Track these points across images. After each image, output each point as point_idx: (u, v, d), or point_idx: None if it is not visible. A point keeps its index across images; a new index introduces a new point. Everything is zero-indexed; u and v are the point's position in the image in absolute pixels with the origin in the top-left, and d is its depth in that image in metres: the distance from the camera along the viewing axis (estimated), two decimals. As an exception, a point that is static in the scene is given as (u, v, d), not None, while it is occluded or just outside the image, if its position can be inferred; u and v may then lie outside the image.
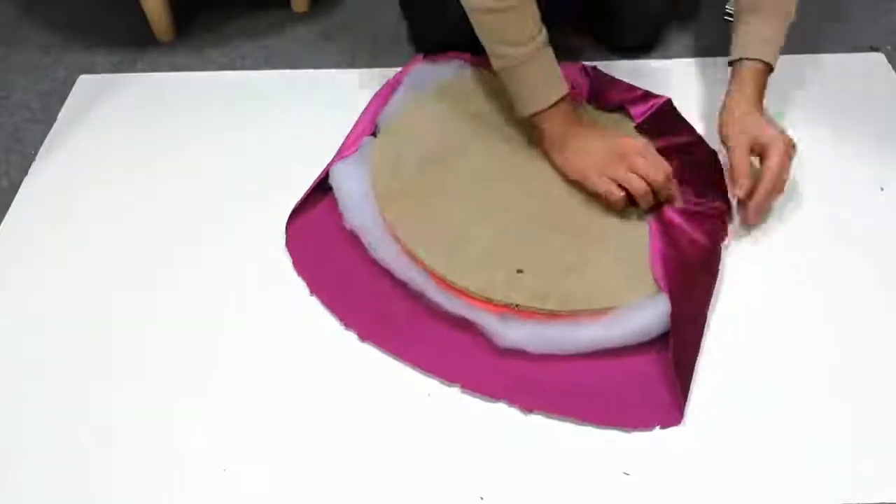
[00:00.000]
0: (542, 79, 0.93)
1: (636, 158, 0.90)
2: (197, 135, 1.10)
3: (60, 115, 1.13)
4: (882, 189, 1.01)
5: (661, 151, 0.99)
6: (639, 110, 1.04)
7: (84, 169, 1.05)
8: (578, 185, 0.94)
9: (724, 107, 0.98)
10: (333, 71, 1.20)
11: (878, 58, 1.20)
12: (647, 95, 1.06)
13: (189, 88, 1.17)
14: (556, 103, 0.92)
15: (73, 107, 1.15)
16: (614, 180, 0.90)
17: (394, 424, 0.79)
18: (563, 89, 0.93)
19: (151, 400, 0.81)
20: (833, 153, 1.05)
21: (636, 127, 1.03)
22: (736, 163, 0.93)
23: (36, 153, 1.08)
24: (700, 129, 1.04)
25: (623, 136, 0.95)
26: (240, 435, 0.78)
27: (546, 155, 0.97)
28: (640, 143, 0.93)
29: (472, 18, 0.92)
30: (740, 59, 0.97)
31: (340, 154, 1.00)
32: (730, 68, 1.00)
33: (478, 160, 0.97)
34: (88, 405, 0.81)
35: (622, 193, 0.89)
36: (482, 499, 0.73)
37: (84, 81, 1.19)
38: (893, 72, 1.18)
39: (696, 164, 0.97)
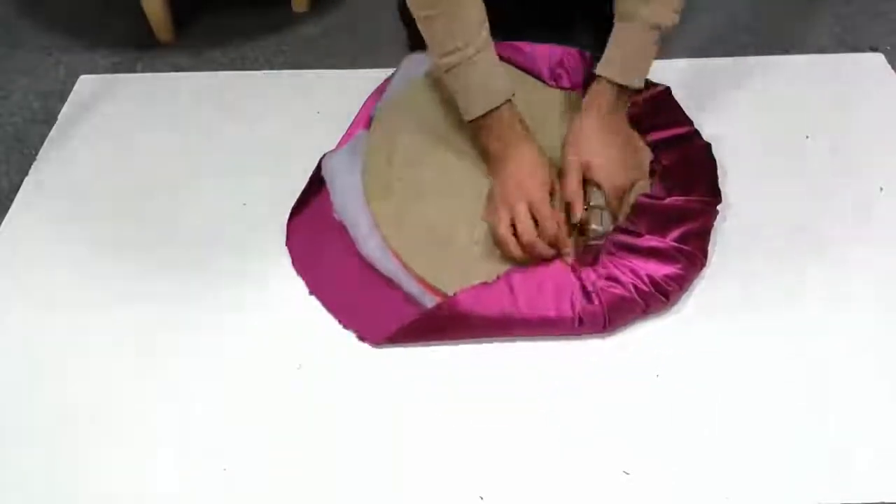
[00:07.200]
0: (475, 89, 0.89)
1: (519, 205, 0.85)
2: (197, 135, 1.10)
3: (61, 116, 1.13)
4: (882, 189, 1.01)
5: (653, 145, 0.99)
6: (634, 100, 1.02)
7: (84, 169, 1.05)
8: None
9: (570, 125, 0.92)
10: (333, 71, 1.20)
11: (878, 58, 1.20)
12: (646, 85, 1.04)
13: (189, 88, 1.17)
14: (493, 111, 0.89)
15: (73, 107, 1.15)
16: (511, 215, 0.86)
17: (394, 424, 0.79)
18: (503, 96, 0.89)
19: (151, 399, 0.81)
20: (833, 153, 1.04)
21: (630, 120, 1.02)
22: (565, 187, 0.88)
23: (36, 153, 1.08)
24: (697, 126, 1.04)
25: (546, 166, 0.90)
26: (240, 435, 0.78)
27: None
28: (538, 192, 0.86)
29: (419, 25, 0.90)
30: (598, 77, 0.92)
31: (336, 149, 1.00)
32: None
33: (467, 156, 0.96)
34: (88, 404, 0.81)
35: (507, 232, 0.85)
36: (482, 498, 0.73)
37: (84, 81, 1.19)
38: (893, 72, 1.18)
39: (688, 157, 0.96)
